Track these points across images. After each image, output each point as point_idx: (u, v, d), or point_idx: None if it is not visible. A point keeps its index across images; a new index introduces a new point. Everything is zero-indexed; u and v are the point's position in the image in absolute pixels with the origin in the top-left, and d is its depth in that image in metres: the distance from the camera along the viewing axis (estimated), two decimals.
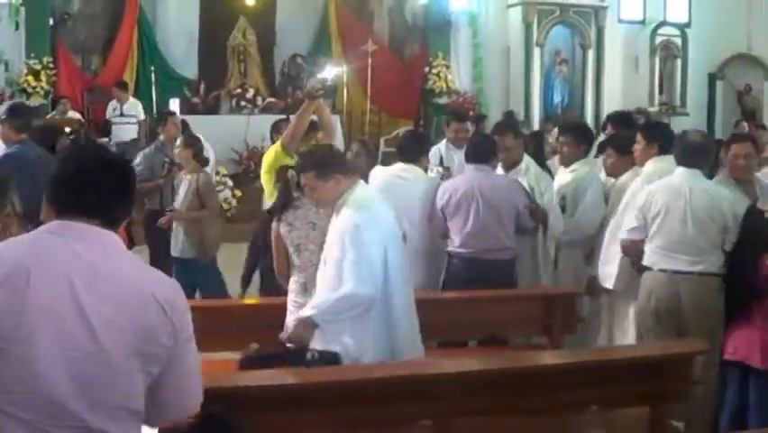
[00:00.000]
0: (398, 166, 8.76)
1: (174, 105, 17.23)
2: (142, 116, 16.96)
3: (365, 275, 5.84)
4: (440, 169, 9.65)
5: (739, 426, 6.85)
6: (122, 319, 3.10)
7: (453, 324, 7.78)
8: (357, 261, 5.83)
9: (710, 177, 7.79)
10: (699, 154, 7.46)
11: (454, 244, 8.31)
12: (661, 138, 8.01)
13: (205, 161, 10.41)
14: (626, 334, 7.78)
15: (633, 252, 7.38)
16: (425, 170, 9.23)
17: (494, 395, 5.77)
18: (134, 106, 16.97)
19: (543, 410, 6.06)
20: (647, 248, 7.26)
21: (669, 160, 7.76)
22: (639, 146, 8.08)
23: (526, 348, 8.27)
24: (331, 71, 17.64)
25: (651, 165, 7.83)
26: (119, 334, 3.09)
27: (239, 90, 18.57)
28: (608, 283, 7.80)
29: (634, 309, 7.66)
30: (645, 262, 7.30)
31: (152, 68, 18.29)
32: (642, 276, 7.35)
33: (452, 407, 5.66)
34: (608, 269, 7.76)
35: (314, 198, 6.30)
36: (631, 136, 8.38)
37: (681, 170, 7.36)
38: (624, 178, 8.27)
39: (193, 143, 10.24)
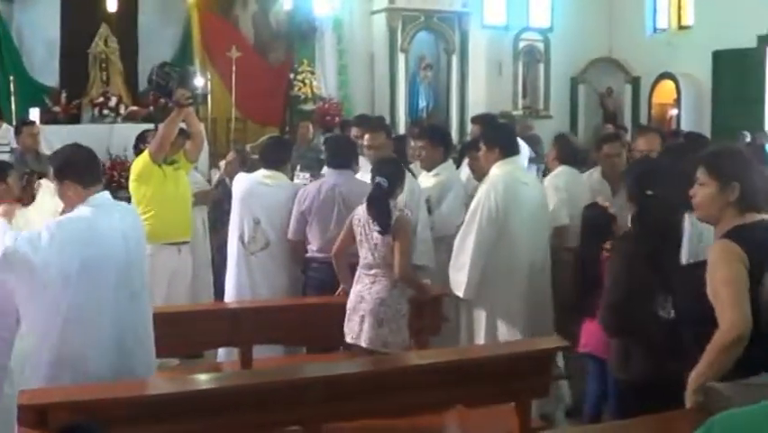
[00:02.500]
0: (261, 173, 8.73)
1: (34, 114, 16.82)
2: (15, 143, 15.80)
3: None
4: (306, 175, 9.64)
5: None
6: None
7: (319, 329, 7.79)
8: None
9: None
10: (580, 154, 8.67)
11: (314, 249, 8.29)
12: (500, 141, 8.05)
13: None
14: (480, 335, 7.83)
15: None
16: (292, 177, 9.24)
17: (363, 398, 5.82)
18: (7, 133, 16.08)
19: (411, 411, 6.11)
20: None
21: (513, 161, 7.93)
22: (481, 152, 8.17)
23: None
24: (200, 79, 17.49)
25: (496, 169, 7.90)
26: None
27: (101, 99, 18.23)
28: (459, 291, 7.82)
29: (486, 312, 7.75)
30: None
31: (11, 76, 17.84)
32: None
33: (321, 412, 5.69)
34: (459, 277, 7.78)
35: None
36: None
37: (566, 168, 8.72)
38: None
39: None
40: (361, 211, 7.25)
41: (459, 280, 7.74)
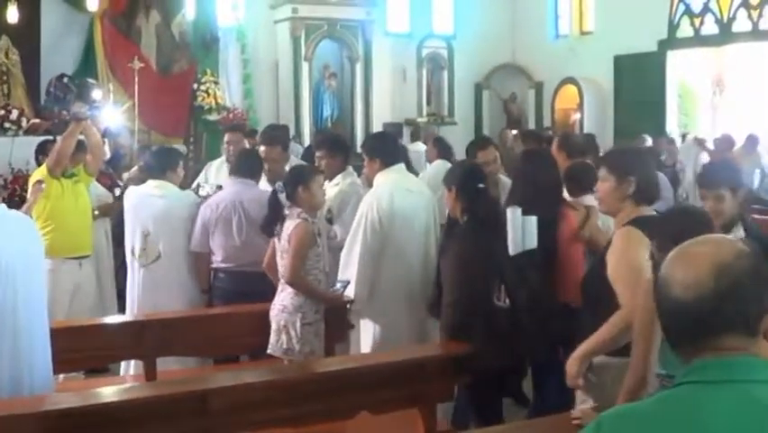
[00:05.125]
0: (150, 183, 8.66)
1: None
2: None
3: None
4: (210, 187, 9.58)
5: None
6: None
7: (225, 339, 7.77)
8: None
9: None
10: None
11: (218, 258, 8.27)
12: (379, 152, 8.05)
13: None
14: (368, 342, 7.83)
15: None
16: (191, 186, 9.20)
17: (267, 407, 5.81)
18: None
19: (316, 419, 6.11)
20: None
21: (396, 169, 7.95)
22: (365, 163, 8.20)
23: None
24: (99, 91, 17.32)
25: (379, 177, 7.88)
26: None
27: (2, 112, 17.99)
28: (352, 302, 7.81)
29: (373, 320, 7.77)
30: None
31: None
32: None
33: (225, 421, 5.65)
34: (347, 289, 7.73)
35: None
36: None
37: (440, 161, 10.58)
38: None
39: None
40: None
41: (347, 293, 7.72)
